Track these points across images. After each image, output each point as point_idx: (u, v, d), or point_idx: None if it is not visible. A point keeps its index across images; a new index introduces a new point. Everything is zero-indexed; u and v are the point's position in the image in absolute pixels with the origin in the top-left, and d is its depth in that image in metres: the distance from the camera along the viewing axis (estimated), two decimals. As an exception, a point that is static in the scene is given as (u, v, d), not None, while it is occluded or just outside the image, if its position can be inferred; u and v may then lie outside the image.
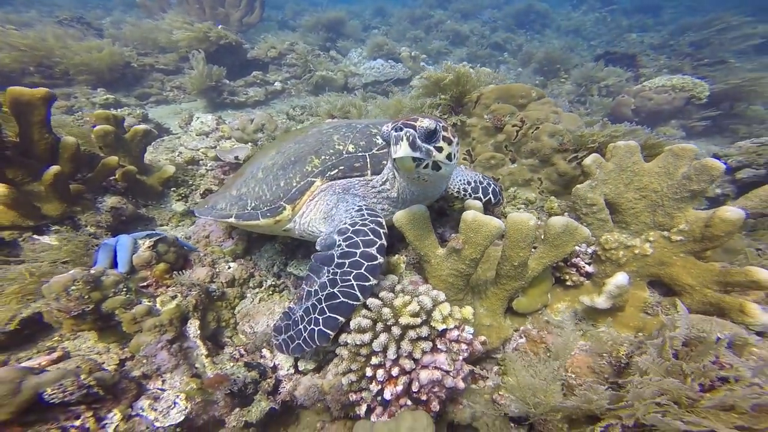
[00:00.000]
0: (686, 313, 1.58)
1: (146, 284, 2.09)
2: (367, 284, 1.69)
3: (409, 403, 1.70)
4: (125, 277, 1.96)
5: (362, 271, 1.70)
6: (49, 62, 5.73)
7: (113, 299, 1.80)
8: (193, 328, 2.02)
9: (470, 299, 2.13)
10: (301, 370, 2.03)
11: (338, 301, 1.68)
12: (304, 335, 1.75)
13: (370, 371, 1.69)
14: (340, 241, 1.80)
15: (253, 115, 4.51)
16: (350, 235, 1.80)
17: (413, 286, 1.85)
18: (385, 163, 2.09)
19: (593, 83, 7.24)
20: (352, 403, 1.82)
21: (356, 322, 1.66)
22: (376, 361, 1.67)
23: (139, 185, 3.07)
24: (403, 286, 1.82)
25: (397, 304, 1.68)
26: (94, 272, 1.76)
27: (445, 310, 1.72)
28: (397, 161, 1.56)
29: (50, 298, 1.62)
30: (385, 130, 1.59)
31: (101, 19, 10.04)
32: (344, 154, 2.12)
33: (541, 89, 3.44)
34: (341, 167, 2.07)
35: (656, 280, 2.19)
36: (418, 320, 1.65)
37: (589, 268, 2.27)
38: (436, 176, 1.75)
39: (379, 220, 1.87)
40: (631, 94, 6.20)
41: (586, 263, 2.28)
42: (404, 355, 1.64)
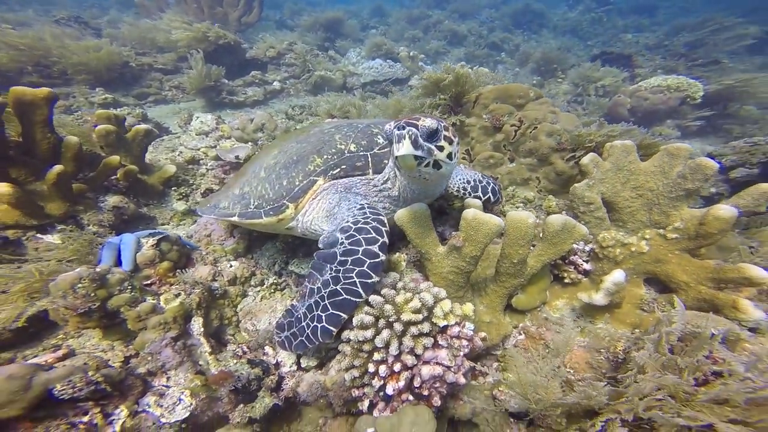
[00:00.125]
0: (683, 309, 1.61)
1: (150, 282, 2.10)
2: (369, 281, 1.70)
3: (411, 398, 1.71)
4: (130, 275, 1.97)
5: (365, 268, 1.71)
6: (47, 62, 5.69)
7: (118, 297, 1.81)
8: (196, 325, 2.04)
9: (470, 296, 2.15)
10: (303, 366, 2.04)
11: (341, 298, 1.69)
12: (307, 332, 1.75)
13: (372, 367, 1.69)
14: (342, 239, 1.81)
15: (252, 114, 4.52)
16: (353, 233, 1.81)
17: (414, 283, 1.86)
18: (386, 162, 2.10)
19: (590, 83, 7.28)
20: (354, 398, 1.82)
21: (359, 318, 1.67)
22: (378, 357, 1.67)
23: (140, 184, 3.08)
24: (404, 283, 1.83)
25: (399, 300, 1.69)
26: (99, 270, 1.77)
27: (446, 306, 1.72)
28: (399, 159, 1.59)
29: (57, 295, 1.64)
30: (387, 128, 1.61)
31: (98, 18, 9.98)
32: (346, 153, 2.13)
33: (538, 89, 3.47)
34: (343, 166, 2.09)
35: (652, 277, 2.21)
36: (419, 317, 1.66)
37: (586, 265, 2.30)
38: (436, 175, 1.77)
39: (380, 218, 1.89)
40: (627, 94, 6.23)
41: (583, 261, 2.30)
42: (406, 351, 1.66)
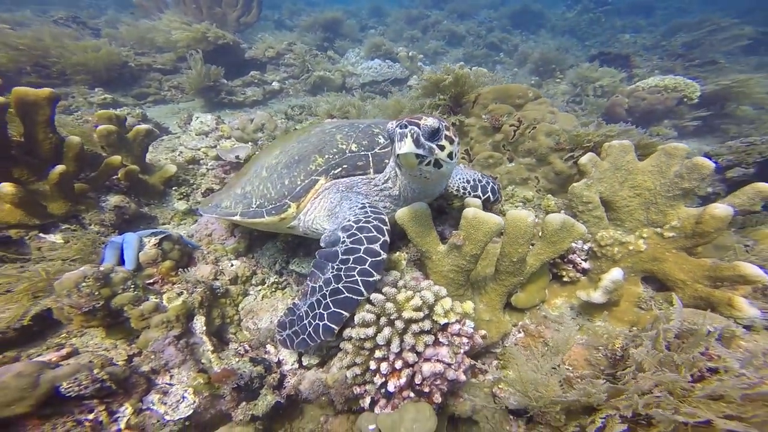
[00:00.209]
0: (680, 306, 1.64)
1: (152, 281, 2.11)
2: (370, 280, 1.71)
3: (412, 395, 1.72)
4: (133, 274, 1.99)
5: (366, 266, 1.72)
6: (45, 62, 5.68)
7: (122, 296, 1.82)
8: (199, 324, 2.05)
9: (470, 295, 2.16)
10: (305, 365, 2.04)
11: (343, 296, 1.70)
12: (309, 330, 1.75)
13: (373, 364, 1.70)
14: (344, 237, 1.82)
15: (252, 114, 4.53)
16: (354, 231, 1.82)
17: (415, 281, 1.87)
18: (387, 161, 2.12)
19: (588, 83, 7.32)
20: (356, 396, 1.83)
21: (360, 316, 1.69)
22: (379, 354, 1.68)
23: (141, 184, 3.08)
24: (405, 281, 1.85)
25: (400, 298, 1.70)
26: (103, 269, 1.79)
27: (446, 304, 1.74)
28: (400, 157, 1.60)
29: (62, 294, 1.65)
30: (390, 127, 1.63)
31: (96, 18, 9.96)
32: (347, 153, 2.15)
33: (537, 89, 3.50)
34: (345, 166, 2.10)
35: (650, 275, 2.23)
36: (420, 314, 1.68)
37: (585, 264, 2.32)
38: (437, 174, 1.79)
39: (382, 217, 1.90)
40: (624, 94, 6.26)
41: (582, 260, 2.32)
42: (407, 348, 1.67)
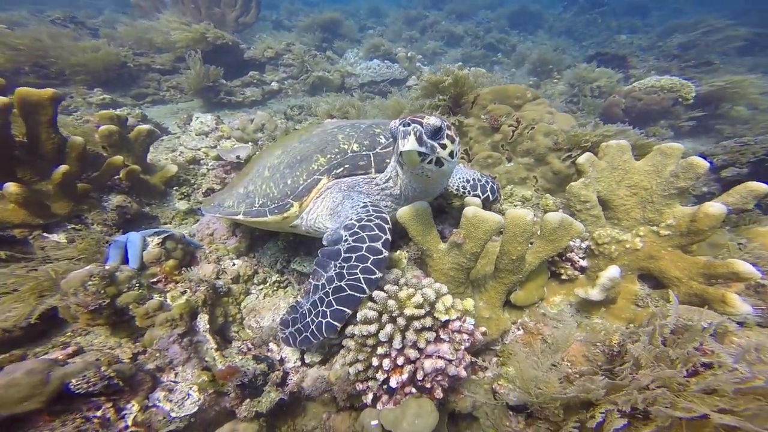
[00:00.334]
0: (676, 302, 1.67)
1: (156, 280, 2.12)
2: (373, 277, 1.73)
3: (413, 391, 1.75)
4: (137, 273, 2.00)
5: (368, 264, 1.74)
6: (44, 62, 5.67)
7: (127, 294, 1.84)
8: (202, 322, 2.07)
9: (470, 293, 2.19)
10: (307, 362, 2.06)
11: (345, 294, 1.72)
12: (311, 328, 1.78)
13: (376, 361, 1.73)
14: (346, 236, 1.84)
15: (252, 115, 4.55)
16: (356, 230, 1.84)
17: (416, 279, 1.89)
18: (388, 161, 2.15)
19: (586, 84, 7.37)
20: (358, 392, 1.85)
21: (363, 314, 1.71)
22: (381, 351, 1.71)
23: (142, 184, 3.10)
24: (406, 279, 1.87)
25: (401, 296, 1.73)
26: (108, 268, 1.80)
27: (447, 301, 1.76)
28: (403, 155, 1.62)
29: (69, 292, 1.67)
30: (392, 125, 1.65)
31: (93, 18, 9.93)
32: (349, 152, 2.17)
33: (535, 90, 3.54)
34: (346, 165, 2.13)
35: (646, 273, 2.27)
36: (422, 311, 1.70)
37: (583, 262, 2.35)
38: (438, 172, 1.81)
39: (383, 216, 1.93)
40: (621, 94, 6.31)
41: (580, 258, 2.35)
42: (409, 344, 1.69)
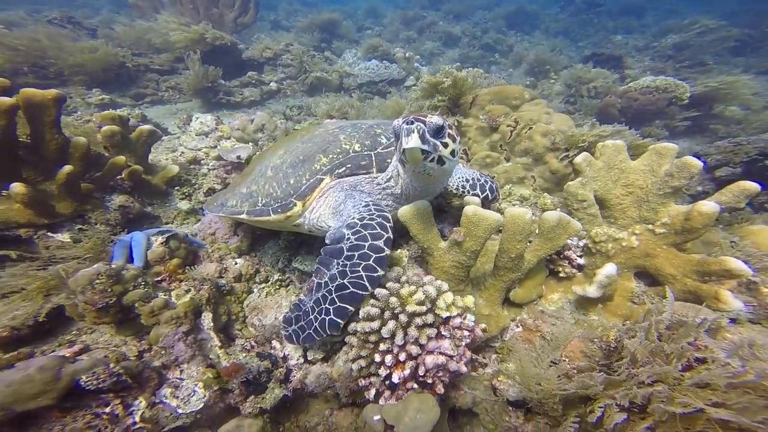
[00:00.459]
0: (673, 298, 1.71)
1: (161, 279, 2.15)
2: (375, 275, 1.76)
3: (415, 386, 1.78)
4: (143, 271, 2.03)
5: (370, 262, 1.77)
6: (43, 63, 5.66)
7: (133, 292, 1.86)
8: (206, 320, 2.10)
9: (470, 290, 2.23)
10: (310, 359, 2.09)
11: (348, 291, 1.74)
12: (315, 325, 1.80)
13: (378, 357, 1.76)
14: (349, 234, 1.88)
15: (252, 115, 4.56)
16: (359, 228, 1.87)
17: (417, 277, 1.93)
18: (389, 161, 2.18)
19: (582, 84, 7.42)
20: (360, 388, 1.88)
21: (365, 311, 1.74)
22: (384, 347, 1.74)
23: (144, 184, 3.11)
24: (408, 277, 1.90)
25: (403, 293, 1.76)
26: (115, 267, 1.83)
27: (448, 298, 1.80)
28: (406, 152, 1.65)
29: (77, 291, 1.69)
30: (396, 124, 1.69)
31: (90, 18, 9.88)
32: (351, 152, 2.20)
33: (532, 91, 3.59)
34: (348, 165, 2.16)
35: (642, 271, 2.31)
36: (423, 308, 1.74)
37: (580, 260, 2.39)
38: (439, 171, 1.85)
39: (385, 214, 1.96)
40: (617, 94, 6.37)
41: (577, 256, 2.39)
42: (411, 341, 1.73)
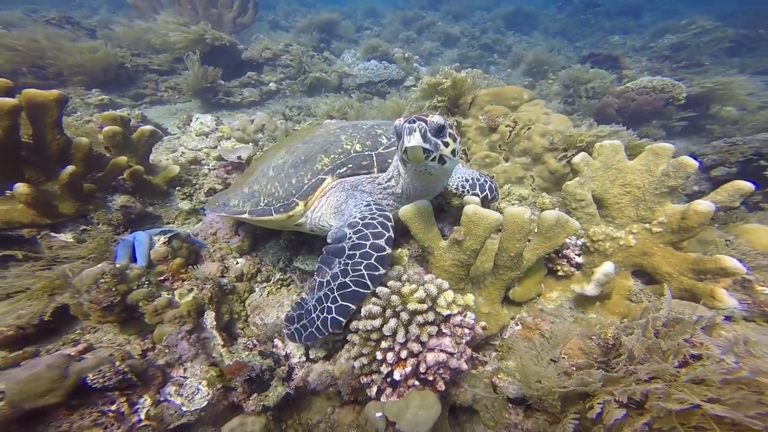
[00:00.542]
0: (670, 296, 1.75)
1: (163, 278, 2.16)
2: (376, 273, 1.78)
3: (417, 383, 1.80)
4: (146, 271, 2.04)
5: (372, 261, 1.79)
6: (42, 63, 5.65)
7: (137, 291, 1.88)
8: (209, 319, 2.12)
9: (470, 289, 2.25)
10: (312, 358, 2.11)
11: (350, 290, 1.76)
12: (317, 323, 1.82)
13: (380, 354, 1.78)
14: (350, 234, 1.89)
15: (252, 115, 4.58)
16: (360, 228, 1.89)
17: (418, 276, 1.96)
18: (390, 161, 2.21)
19: (580, 85, 7.46)
20: (362, 385, 1.91)
21: (367, 309, 1.76)
22: (385, 345, 1.76)
23: (145, 184, 3.12)
24: (409, 275, 1.92)
25: (404, 291, 1.78)
26: (119, 266, 1.85)
27: (449, 296, 1.82)
28: (408, 151, 1.67)
29: (82, 290, 1.71)
30: (398, 123, 1.71)
31: (88, 18, 9.86)
32: (352, 153, 2.23)
33: (531, 91, 3.62)
34: (350, 165, 2.18)
35: (639, 269, 2.34)
36: (424, 306, 1.76)
37: (578, 259, 2.42)
38: (440, 170, 1.87)
39: (386, 214, 1.98)
40: (615, 94, 6.41)
41: (576, 254, 2.42)
42: (412, 338, 1.75)
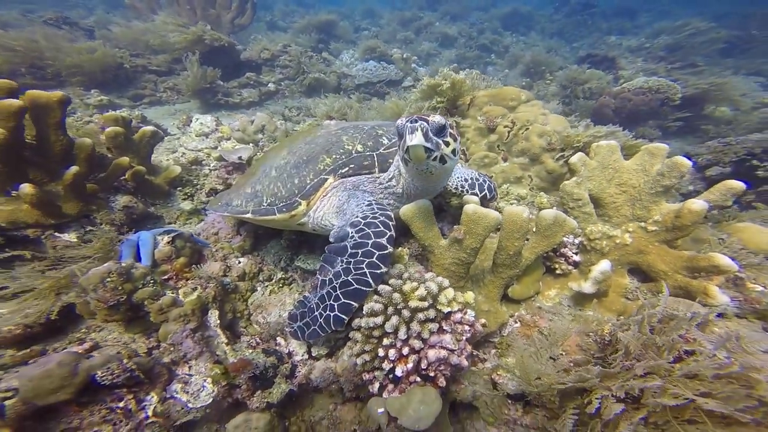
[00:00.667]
0: (668, 293, 1.79)
1: (167, 277, 2.19)
2: (378, 272, 1.81)
3: (418, 379, 1.83)
4: (151, 270, 2.07)
5: (374, 259, 1.82)
6: (41, 64, 5.65)
7: (143, 290, 1.90)
8: (213, 318, 2.14)
9: (470, 287, 2.29)
10: (314, 355, 2.14)
11: (352, 288, 1.79)
12: (320, 321, 1.85)
13: (382, 351, 1.81)
14: (352, 233, 1.93)
15: (251, 116, 4.60)
16: (362, 227, 1.93)
17: (419, 274, 2.00)
18: (390, 161, 2.24)
19: (577, 85, 7.52)
20: (364, 382, 1.94)
21: (369, 306, 1.79)
22: (387, 342, 1.79)
23: (147, 185, 3.14)
24: (410, 274, 1.95)
25: (406, 289, 1.82)
26: (125, 265, 1.87)
27: (449, 294, 1.85)
28: (410, 150, 1.70)
29: (89, 289, 1.73)
30: (399, 123, 1.75)
31: (85, 18, 9.83)
32: (354, 153, 2.26)
33: (529, 92, 3.66)
34: (352, 165, 2.22)
35: (635, 267, 2.38)
36: (425, 304, 1.79)
37: (576, 257, 2.46)
38: (441, 169, 1.90)
39: (388, 213, 2.02)
40: (611, 95, 6.48)
41: (573, 253, 2.46)
42: (414, 335, 1.78)
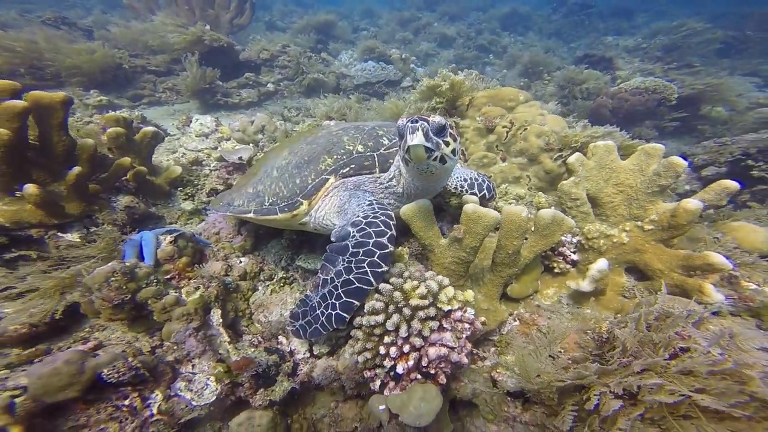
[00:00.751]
0: (666, 291, 1.81)
1: (170, 277, 2.21)
2: (379, 270, 1.83)
3: (419, 377, 1.86)
4: (154, 270, 2.09)
5: (375, 258, 1.85)
6: (40, 64, 5.64)
7: (146, 290, 1.92)
8: (215, 317, 2.16)
9: (469, 285, 2.32)
10: (316, 354, 2.16)
11: (354, 286, 1.81)
12: (321, 319, 1.87)
13: (383, 349, 1.83)
14: (354, 232, 1.95)
15: (252, 116, 4.62)
16: (363, 226, 1.95)
17: (419, 273, 2.02)
18: (391, 161, 2.27)
19: (575, 85, 7.56)
20: (366, 380, 1.96)
21: (370, 305, 1.82)
22: (388, 339, 1.82)
23: (148, 185, 3.16)
24: (410, 272, 1.98)
25: (406, 288, 1.84)
26: (129, 265, 1.89)
27: (449, 293, 1.88)
28: (411, 149, 1.73)
29: (94, 288, 1.75)
30: (400, 123, 1.77)
31: (83, 18, 9.81)
32: (354, 153, 2.29)
33: (527, 93, 3.69)
34: (353, 165, 2.24)
35: (632, 266, 2.42)
36: (426, 302, 1.82)
37: (574, 256, 2.49)
38: (441, 169, 1.93)
39: (388, 212, 2.04)
40: (608, 95, 6.53)
41: (571, 252, 2.49)
42: (414, 333, 1.81)
